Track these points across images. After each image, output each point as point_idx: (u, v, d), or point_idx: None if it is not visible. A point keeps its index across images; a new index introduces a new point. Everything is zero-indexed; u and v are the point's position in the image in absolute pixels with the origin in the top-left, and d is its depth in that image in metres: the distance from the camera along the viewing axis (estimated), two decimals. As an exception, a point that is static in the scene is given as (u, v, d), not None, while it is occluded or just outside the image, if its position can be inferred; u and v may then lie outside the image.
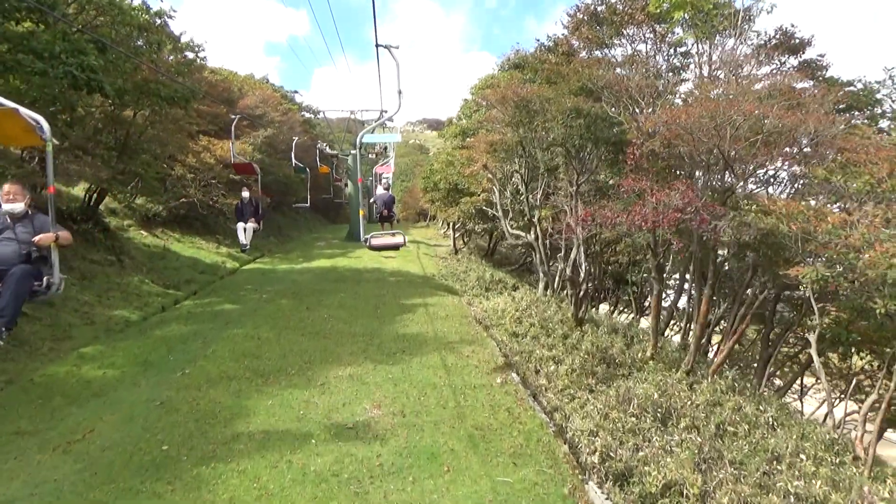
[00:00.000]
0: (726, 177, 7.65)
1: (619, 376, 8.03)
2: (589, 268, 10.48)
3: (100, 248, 14.58)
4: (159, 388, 6.98)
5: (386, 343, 9.14)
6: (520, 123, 11.11)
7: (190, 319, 11.17)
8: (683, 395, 7.14)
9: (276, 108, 27.41)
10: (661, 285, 8.65)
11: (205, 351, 8.64)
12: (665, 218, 6.99)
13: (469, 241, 28.66)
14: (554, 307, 11.82)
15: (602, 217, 7.56)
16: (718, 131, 6.68)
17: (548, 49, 12.95)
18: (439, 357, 8.37)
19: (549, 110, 10.54)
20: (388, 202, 15.63)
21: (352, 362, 8.05)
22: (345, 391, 6.90)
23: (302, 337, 9.51)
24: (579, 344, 9.29)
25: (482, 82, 20.26)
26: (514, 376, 7.68)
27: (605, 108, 9.09)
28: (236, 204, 14.31)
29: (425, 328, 10.32)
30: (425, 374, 7.59)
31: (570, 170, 10.83)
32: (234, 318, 11.03)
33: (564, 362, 8.69)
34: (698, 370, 8.44)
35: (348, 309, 11.91)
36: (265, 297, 13.46)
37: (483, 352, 8.84)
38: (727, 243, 8.06)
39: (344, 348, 8.76)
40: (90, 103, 14.03)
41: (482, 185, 15.00)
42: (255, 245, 24.49)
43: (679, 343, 9.69)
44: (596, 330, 10.08)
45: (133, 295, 13.13)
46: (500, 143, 12.05)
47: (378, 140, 27.84)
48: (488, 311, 12.58)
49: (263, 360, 8.07)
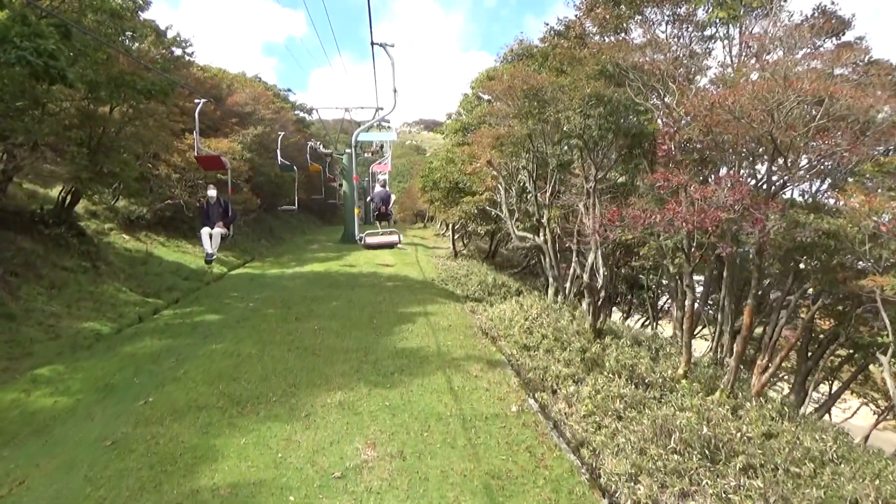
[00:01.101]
0: (774, 168, 6.65)
1: (651, 400, 7.00)
2: (605, 272, 9.46)
3: (73, 253, 13.46)
4: (115, 421, 5.92)
5: (382, 360, 8.08)
6: (529, 114, 10.08)
7: (166, 332, 10.09)
8: (731, 426, 6.10)
9: (267, 106, 26.29)
10: (693, 294, 7.64)
11: (176, 372, 7.57)
12: (708, 218, 5.96)
13: (469, 242, 27.62)
14: (567, 316, 10.78)
15: (632, 217, 6.55)
16: (771, 115, 5.68)
17: (558, 34, 11.95)
18: (444, 378, 7.31)
19: (563, 99, 9.52)
20: (385, 198, 14.78)
21: (343, 385, 6.99)
22: (333, 424, 5.84)
23: (288, 353, 8.44)
24: (601, 360, 8.26)
25: (483, 75, 19.23)
26: (531, 403, 6.64)
27: (630, 93, 8.09)
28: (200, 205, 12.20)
29: (426, 341, 9.27)
30: (428, 401, 6.53)
31: (587, 165, 9.80)
32: (214, 331, 9.96)
33: (586, 382, 7.66)
34: (739, 390, 7.41)
35: (341, 319, 10.85)
36: (251, 305, 12.39)
37: (493, 370, 7.79)
38: (768, 246, 7.03)
39: (334, 367, 7.69)
40: (60, 97, 12.91)
41: (485, 183, 13.97)
42: (246, 248, 23.45)
43: (711, 358, 8.68)
44: (617, 342, 9.04)
45: (107, 305, 12.04)
46: (508, 137, 11.00)
47: (374, 138, 26.80)
48: (494, 319, 11.53)
49: (241, 384, 7.00)
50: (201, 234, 10.36)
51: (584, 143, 9.23)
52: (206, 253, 10.38)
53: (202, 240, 10.38)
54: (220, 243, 10.34)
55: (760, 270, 6.89)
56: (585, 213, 9.77)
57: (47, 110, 12.58)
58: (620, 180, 12.27)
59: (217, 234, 10.19)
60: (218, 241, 10.26)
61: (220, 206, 10.38)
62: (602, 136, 8.91)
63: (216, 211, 10.13)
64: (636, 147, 10.41)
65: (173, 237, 19.73)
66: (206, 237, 10.28)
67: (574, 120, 8.88)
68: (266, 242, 25.90)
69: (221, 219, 10.26)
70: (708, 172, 8.30)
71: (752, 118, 5.81)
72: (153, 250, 17.65)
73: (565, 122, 9.31)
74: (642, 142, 10.28)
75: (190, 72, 23.26)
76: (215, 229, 10.23)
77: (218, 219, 10.22)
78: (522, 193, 14.69)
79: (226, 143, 20.18)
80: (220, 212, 10.13)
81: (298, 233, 32.61)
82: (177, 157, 18.44)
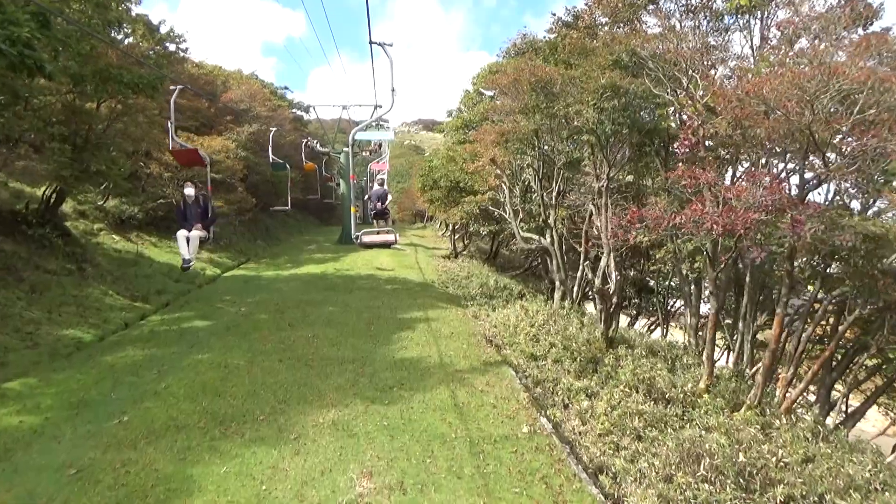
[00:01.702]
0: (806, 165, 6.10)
1: (672, 417, 6.43)
2: (618, 277, 8.90)
3: (58, 255, 12.86)
4: (84, 444, 5.34)
5: (380, 372, 7.51)
6: (536, 109, 9.51)
7: (151, 341, 9.51)
8: (765, 449, 5.54)
9: (263, 104, 25.68)
10: (718, 302, 7.08)
11: (157, 385, 6.99)
12: (739, 219, 5.40)
13: (469, 243, 27.05)
14: (576, 322, 10.21)
15: (654, 218, 5.99)
16: (811, 106, 5.12)
17: (566, 24, 11.40)
18: (447, 392, 6.74)
19: (572, 92, 8.95)
20: (382, 196, 14.42)
21: (337, 401, 6.41)
22: (325, 448, 5.26)
23: (279, 364, 7.87)
24: (615, 372, 7.70)
25: (485, 70, 18.66)
26: (543, 422, 6.07)
27: (648, 84, 7.52)
28: (177, 204, 10.95)
29: (427, 350, 8.70)
30: (431, 420, 5.96)
31: (599, 162, 9.23)
32: (201, 339, 9.38)
33: (600, 397, 7.10)
34: (766, 406, 6.84)
35: (337, 326, 10.28)
36: (243, 310, 11.81)
37: (500, 384, 7.22)
38: (801, 250, 6.47)
39: (329, 381, 7.12)
40: (44, 91, 12.32)
41: (488, 182, 13.40)
42: (242, 249, 22.86)
43: (732, 370, 8.13)
44: (631, 352, 8.48)
45: (92, 310, 11.44)
46: (513, 133, 10.43)
47: (372, 137, 26.26)
48: (498, 325, 10.96)
49: (226, 400, 6.42)
50: (177, 238, 9.46)
51: (597, 139, 8.66)
52: (183, 259, 9.46)
53: (178, 244, 9.45)
54: (198, 247, 9.47)
55: (791, 276, 6.34)
56: (596, 214, 9.20)
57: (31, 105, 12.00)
58: (628, 179, 11.72)
59: (195, 238, 9.26)
60: (196, 244, 9.32)
61: (198, 206, 9.47)
62: (616, 132, 8.35)
63: (194, 211, 9.22)
64: (648, 144, 9.85)
65: (166, 237, 19.11)
66: (182, 241, 9.37)
67: (587, 114, 8.31)
68: (262, 243, 25.30)
69: (200, 220, 9.33)
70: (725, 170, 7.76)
71: (787, 110, 5.25)
72: (144, 251, 17.06)
73: (576, 117, 8.73)
74: (653, 138, 9.73)
75: (183, 68, 22.70)
76: (193, 232, 9.28)
77: (196, 220, 9.28)
78: (526, 193, 14.13)
79: (219, 141, 19.60)
80: (198, 212, 9.21)
81: (296, 233, 32.01)
82: (169, 155, 17.87)
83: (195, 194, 9.52)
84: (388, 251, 22.26)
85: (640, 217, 6.18)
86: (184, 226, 9.38)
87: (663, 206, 6.30)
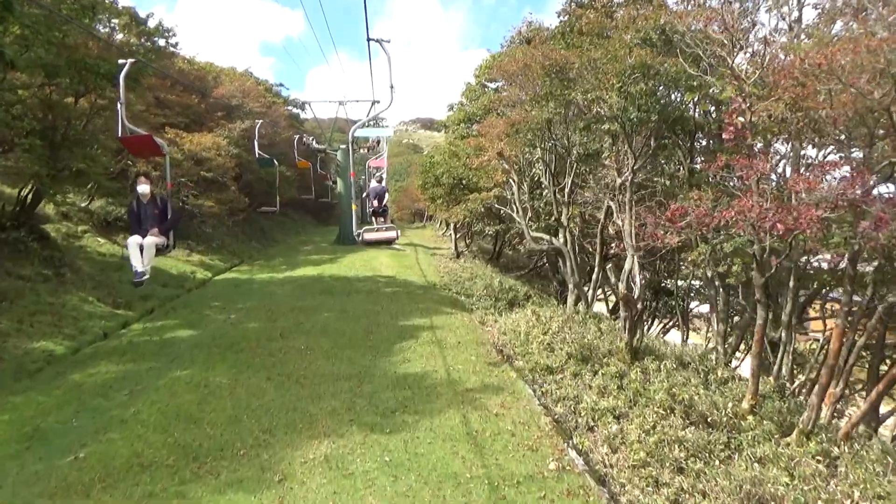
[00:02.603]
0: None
1: (718, 445, 5.57)
2: (643, 281, 8.05)
3: (33, 260, 11.97)
4: (28, 490, 4.47)
5: (381, 392, 6.65)
6: (550, 97, 8.65)
7: (128, 354, 8.64)
8: (837, 490, 4.68)
9: (256, 100, 24.76)
10: (766, 312, 6.22)
11: (125, 411, 6.13)
12: (804, 216, 4.55)
13: (471, 243, 26.19)
14: (593, 330, 9.35)
15: (697, 216, 5.14)
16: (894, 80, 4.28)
17: (580, 5, 10.55)
18: (458, 417, 5.89)
19: (589, 79, 8.09)
20: (380, 193, 13.68)
21: (331, 429, 5.55)
22: (316, 494, 4.40)
23: (267, 383, 7.01)
24: (644, 389, 6.83)
25: (488, 62, 17.79)
26: (572, 456, 5.20)
27: (683, 64, 6.65)
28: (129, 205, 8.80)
29: (433, 364, 7.84)
30: (440, 453, 5.10)
31: (623, 154, 8.36)
32: (183, 352, 8.51)
33: (630, 419, 6.24)
34: (822, 430, 5.99)
35: (333, 335, 9.42)
36: (232, 318, 10.94)
37: (517, 405, 6.36)
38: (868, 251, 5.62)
39: (322, 403, 6.26)
40: (15, 84, 11.44)
41: (495, 178, 12.54)
42: (235, 251, 21.94)
43: (775, 384, 7.28)
44: (658, 364, 7.61)
45: (68, 319, 10.56)
46: (524, 123, 9.56)
47: (371, 134, 25.44)
48: (507, 332, 10.10)
49: (203, 430, 5.56)
50: (128, 246, 7.52)
51: (622, 128, 7.80)
52: (135, 272, 7.55)
53: (129, 253, 7.55)
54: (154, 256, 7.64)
55: (853, 281, 5.51)
56: (618, 212, 8.34)
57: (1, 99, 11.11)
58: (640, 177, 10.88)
59: (150, 245, 7.43)
60: (152, 253, 7.53)
61: (155, 206, 7.70)
62: (642, 121, 7.48)
63: (150, 213, 7.51)
64: (672, 134, 9.01)
65: (154, 239, 18.20)
66: (134, 250, 7.45)
67: (610, 99, 7.44)
68: (257, 244, 24.42)
69: (158, 223, 7.55)
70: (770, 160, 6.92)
71: (858, 87, 4.41)
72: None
73: (595, 104, 7.87)
74: (675, 127, 8.89)
75: (172, 62, 21.81)
76: (148, 238, 7.42)
77: (153, 223, 7.49)
78: (534, 190, 13.26)
79: (210, 138, 18.68)
80: (155, 213, 7.53)
81: (292, 233, 31.13)
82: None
83: (151, 192, 7.75)
84: (388, 252, 21.44)
85: (681, 214, 5.33)
86: (137, 231, 7.55)
87: (707, 202, 5.43)
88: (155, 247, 7.50)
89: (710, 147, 9.24)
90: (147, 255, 7.45)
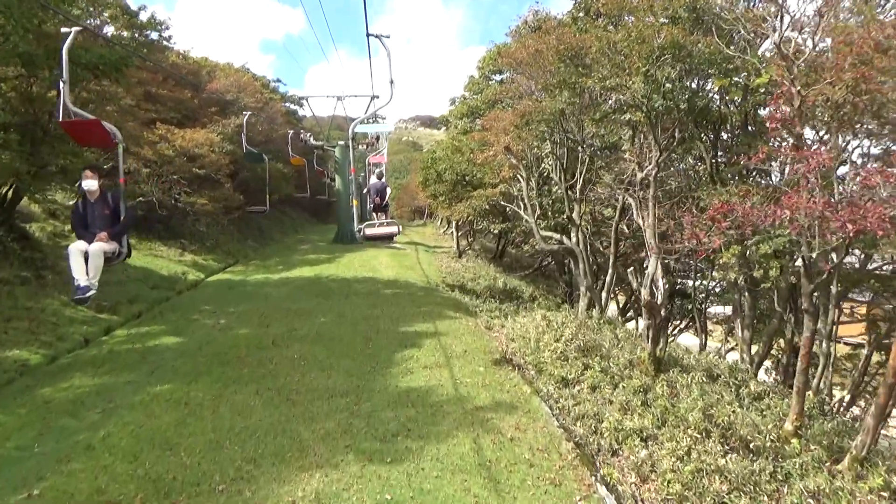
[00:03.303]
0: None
1: (764, 476, 4.90)
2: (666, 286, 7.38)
3: (13, 261, 11.30)
4: (-34, 538, 3.82)
5: (381, 411, 5.98)
6: (564, 84, 7.97)
7: (106, 364, 7.96)
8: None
9: (252, 95, 24.03)
10: (814, 323, 5.56)
11: (94, 434, 5.45)
12: (874, 215, 3.88)
13: (473, 241, 25.53)
14: (609, 336, 8.68)
15: (744, 214, 4.48)
16: None
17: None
18: (469, 442, 5.21)
19: (605, 63, 7.41)
20: (381, 190, 13.15)
21: (324, 459, 4.88)
22: (305, 544, 3.73)
23: (255, 399, 6.34)
24: (672, 406, 6.16)
25: (493, 52, 17.08)
26: (602, 492, 4.53)
27: (720, 43, 5.97)
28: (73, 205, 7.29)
29: (438, 376, 7.17)
30: (449, 490, 4.43)
31: (647, 145, 7.68)
32: (166, 362, 7.84)
33: (659, 442, 5.58)
34: (873, 456, 5.32)
35: (329, 343, 8.76)
36: (222, 323, 10.28)
37: (533, 426, 5.69)
38: None
39: (315, 425, 5.58)
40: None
41: (501, 173, 11.85)
42: (230, 250, 21.21)
43: (815, 400, 6.62)
44: (686, 377, 6.94)
45: (47, 324, 9.87)
46: (535, 114, 8.86)
47: (370, 130, 24.80)
48: (516, 339, 9.46)
49: (178, 457, 4.89)
50: (69, 254, 6.12)
51: (647, 116, 7.11)
52: (77, 286, 6.17)
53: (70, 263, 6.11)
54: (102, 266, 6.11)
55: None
56: (637, 210, 7.67)
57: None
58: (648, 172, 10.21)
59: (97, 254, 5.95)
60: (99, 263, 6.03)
61: (105, 206, 6.38)
62: (670, 109, 6.78)
63: (98, 213, 6.15)
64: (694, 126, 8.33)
65: (146, 239, 17.57)
66: (76, 259, 6.07)
67: (635, 84, 6.75)
68: (253, 243, 23.73)
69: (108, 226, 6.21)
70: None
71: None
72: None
73: (617, 91, 7.19)
74: (698, 119, 8.20)
75: (164, 56, 21.09)
76: (94, 245, 5.96)
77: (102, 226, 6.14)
78: (542, 186, 12.57)
79: (203, 134, 17.99)
80: (105, 214, 6.20)
81: (290, 232, 30.44)
82: (147, 149, 16.30)
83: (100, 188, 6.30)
84: (388, 251, 20.81)
85: (724, 213, 4.65)
86: (82, 235, 6.19)
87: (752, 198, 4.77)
88: (102, 255, 6.05)
89: (735, 141, 8.56)
90: (93, 264, 6.00)
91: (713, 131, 8.24)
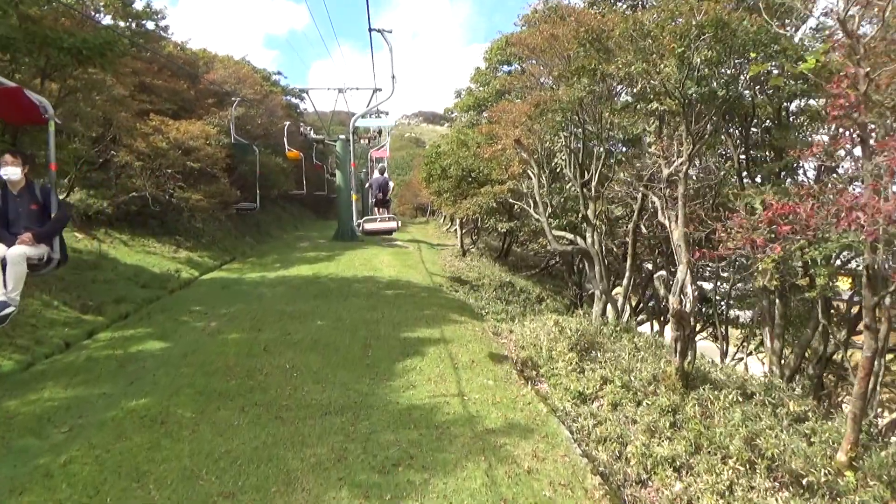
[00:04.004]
0: None
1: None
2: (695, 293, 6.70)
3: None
4: None
5: (380, 433, 5.32)
6: (583, 71, 7.28)
7: (81, 373, 7.33)
8: None
9: (251, 87, 23.34)
10: (876, 342, 4.90)
11: (57, 458, 4.81)
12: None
13: (477, 239, 24.85)
14: (629, 347, 8.02)
15: (808, 215, 3.83)
16: None
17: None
18: (480, 475, 4.55)
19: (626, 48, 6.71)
20: (383, 185, 12.69)
21: (313, 496, 4.22)
22: None
23: (240, 417, 5.69)
24: (707, 430, 5.49)
25: (501, 42, 16.36)
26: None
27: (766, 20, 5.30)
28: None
29: (443, 390, 6.52)
30: (459, 537, 3.77)
31: (676, 138, 6.98)
32: (147, 372, 7.20)
33: (695, 472, 4.91)
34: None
35: (325, 350, 8.11)
36: (213, 326, 9.64)
37: (553, 453, 5.03)
38: None
39: (305, 450, 4.93)
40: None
41: (510, 169, 11.18)
42: (226, 247, 20.53)
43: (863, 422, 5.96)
44: (718, 395, 6.27)
45: (25, 327, 9.22)
46: (552, 103, 8.16)
47: (372, 124, 24.18)
48: (527, 346, 8.80)
49: (146, 493, 4.24)
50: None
51: (680, 105, 6.41)
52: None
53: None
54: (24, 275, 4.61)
55: None
56: (664, 210, 6.99)
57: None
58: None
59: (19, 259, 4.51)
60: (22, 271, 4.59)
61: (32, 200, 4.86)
62: (705, 97, 6.07)
63: (23, 209, 4.69)
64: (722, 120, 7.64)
65: (139, 235, 16.92)
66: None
67: (667, 68, 6.05)
68: (251, 240, 23.07)
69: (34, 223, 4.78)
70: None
71: None
72: (110, 251, 14.84)
73: (643, 77, 6.49)
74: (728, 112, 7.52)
75: (160, 46, 20.43)
76: (15, 248, 4.48)
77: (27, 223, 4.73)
78: (553, 183, 11.88)
79: (199, 126, 17.31)
80: (31, 210, 4.74)
81: (290, 229, 29.77)
82: (140, 141, 15.65)
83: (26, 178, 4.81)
84: (390, 249, 20.17)
85: (783, 215, 3.97)
86: (1, 236, 4.68)
87: (817, 195, 4.11)
88: (24, 261, 4.59)
89: (767, 135, 7.86)
90: (13, 273, 4.55)
91: (742, 124, 7.55)
